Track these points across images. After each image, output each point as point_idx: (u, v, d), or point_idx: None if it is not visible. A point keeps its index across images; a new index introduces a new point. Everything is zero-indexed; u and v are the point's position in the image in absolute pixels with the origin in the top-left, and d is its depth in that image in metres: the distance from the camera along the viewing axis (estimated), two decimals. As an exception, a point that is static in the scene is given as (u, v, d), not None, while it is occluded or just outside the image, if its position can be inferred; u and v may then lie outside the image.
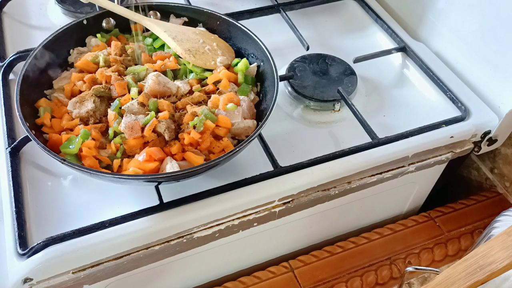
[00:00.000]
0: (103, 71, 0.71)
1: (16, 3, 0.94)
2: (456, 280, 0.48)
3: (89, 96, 0.69)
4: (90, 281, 0.65)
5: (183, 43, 0.76)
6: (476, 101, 0.83)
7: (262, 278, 0.79)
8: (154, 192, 0.66)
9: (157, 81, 0.69)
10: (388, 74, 0.89)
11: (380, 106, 0.83)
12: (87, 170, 0.60)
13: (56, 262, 0.60)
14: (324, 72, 0.84)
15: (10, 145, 0.70)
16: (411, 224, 0.89)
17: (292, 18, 0.93)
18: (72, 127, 0.68)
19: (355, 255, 0.84)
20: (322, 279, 0.80)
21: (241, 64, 0.75)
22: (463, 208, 0.92)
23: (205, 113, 0.66)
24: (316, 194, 0.73)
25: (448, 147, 0.80)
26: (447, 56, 0.90)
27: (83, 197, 0.67)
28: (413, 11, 0.96)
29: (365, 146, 0.74)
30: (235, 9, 0.94)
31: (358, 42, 0.94)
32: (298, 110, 0.81)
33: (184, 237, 0.67)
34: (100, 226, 0.62)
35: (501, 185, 0.94)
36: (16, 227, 0.62)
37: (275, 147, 0.72)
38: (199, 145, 0.66)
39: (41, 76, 0.72)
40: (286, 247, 0.87)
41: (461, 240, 0.87)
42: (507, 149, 0.90)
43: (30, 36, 0.89)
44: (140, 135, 0.65)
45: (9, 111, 0.75)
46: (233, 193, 0.68)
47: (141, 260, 0.67)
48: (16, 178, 0.67)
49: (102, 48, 0.76)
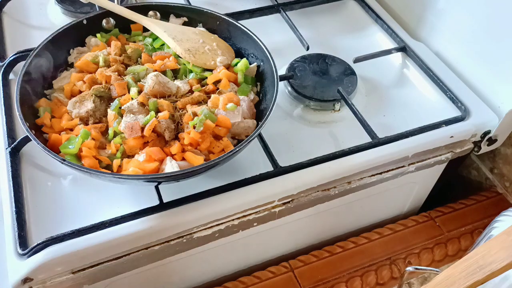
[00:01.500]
0: (103, 71, 0.71)
1: (16, 3, 0.94)
2: (456, 280, 0.48)
3: (89, 96, 0.69)
4: (90, 281, 0.65)
5: (183, 43, 0.76)
6: (476, 101, 0.83)
7: (262, 278, 0.79)
8: (154, 192, 0.66)
9: (157, 81, 0.69)
10: (388, 74, 0.89)
11: (380, 106, 0.83)
12: (87, 170, 0.60)
13: (56, 262, 0.60)
14: (324, 72, 0.84)
15: (10, 145, 0.70)
16: (411, 224, 0.89)
17: (292, 18, 0.93)
18: (72, 127, 0.68)
19: (355, 255, 0.84)
20: (322, 279, 0.80)
21: (241, 64, 0.75)
22: (463, 208, 0.92)
23: (205, 113, 0.66)
24: (316, 194, 0.73)
25: (448, 147, 0.80)
26: (447, 56, 0.90)
27: (83, 197, 0.67)
28: (413, 11, 0.96)
29: (365, 146, 0.74)
30: (235, 9, 0.94)
31: (358, 42, 0.94)
32: (298, 110, 0.81)
33: (184, 237, 0.67)
34: (100, 226, 0.62)
35: (501, 185, 0.94)
36: (16, 227, 0.62)
37: (275, 147, 0.72)
38: (199, 145, 0.66)
39: (41, 76, 0.72)
40: (286, 247, 0.87)
41: (461, 240, 0.87)
42: (507, 149, 0.90)
43: (30, 36, 0.89)
44: (140, 135, 0.65)
45: (9, 111, 0.75)
46: (233, 193, 0.68)
47: (141, 260, 0.67)
48: (16, 178, 0.67)
49: (102, 48, 0.76)
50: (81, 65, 0.73)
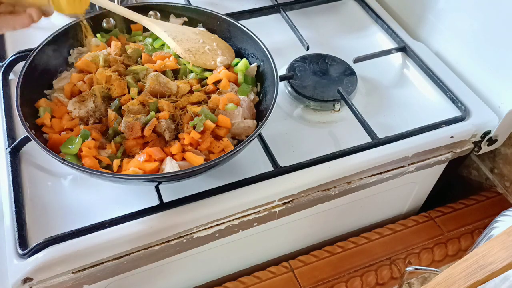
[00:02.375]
0: (103, 71, 0.71)
1: (16, 3, 0.94)
2: (456, 280, 0.48)
3: (89, 96, 0.69)
4: (90, 281, 0.65)
5: (183, 43, 0.76)
6: (476, 101, 0.83)
7: (262, 278, 0.79)
8: (154, 192, 0.66)
9: (157, 81, 0.69)
10: (388, 74, 0.89)
11: (380, 106, 0.83)
12: (87, 170, 0.60)
13: (56, 262, 0.60)
14: (324, 72, 0.84)
15: (10, 145, 0.70)
16: (411, 224, 0.89)
17: (292, 18, 0.93)
18: (72, 127, 0.68)
19: (355, 255, 0.84)
20: (322, 279, 0.80)
21: (241, 64, 0.75)
22: (463, 208, 0.92)
23: (205, 113, 0.66)
24: (316, 194, 0.73)
25: (448, 147, 0.80)
26: (447, 56, 0.90)
27: (83, 197, 0.67)
28: (413, 11, 0.96)
29: (365, 146, 0.74)
30: (235, 9, 0.94)
31: (358, 42, 0.94)
32: (298, 110, 0.81)
33: (184, 237, 0.67)
34: (100, 226, 0.62)
35: (501, 185, 0.94)
36: (16, 227, 0.62)
37: (275, 147, 0.72)
38: (199, 145, 0.66)
39: (41, 76, 0.72)
40: (286, 247, 0.87)
41: (461, 240, 0.87)
42: (507, 149, 0.90)
43: (30, 36, 0.89)
44: (140, 135, 0.65)
45: (9, 111, 0.75)
46: (233, 193, 0.68)
47: (141, 260, 0.67)
48: (16, 178, 0.67)
49: (102, 48, 0.76)
50: (81, 65, 0.73)
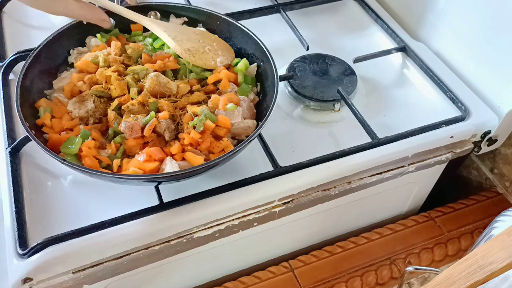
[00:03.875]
0: (103, 71, 0.71)
1: (16, 3, 0.94)
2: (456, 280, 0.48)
3: (89, 96, 0.69)
4: (90, 281, 0.65)
5: (183, 43, 0.76)
6: (476, 101, 0.83)
7: (262, 278, 0.80)
8: (154, 192, 0.66)
9: (157, 81, 0.69)
10: (388, 74, 0.89)
11: (380, 106, 0.83)
12: (87, 170, 0.60)
13: (56, 262, 0.60)
14: (324, 72, 0.84)
15: (10, 145, 0.70)
16: (411, 224, 0.89)
17: (292, 18, 0.93)
18: (72, 127, 0.68)
19: (355, 255, 0.84)
20: (322, 279, 0.80)
21: (241, 64, 0.75)
22: (463, 208, 0.92)
23: (205, 113, 0.66)
24: (316, 194, 0.73)
25: (448, 147, 0.80)
26: (447, 56, 0.90)
27: (83, 197, 0.67)
28: (413, 11, 0.96)
29: (365, 146, 0.74)
30: (235, 9, 0.94)
31: (358, 42, 0.94)
32: (298, 110, 0.81)
33: (184, 237, 0.67)
34: (100, 226, 0.62)
35: (501, 185, 0.94)
36: (16, 227, 0.62)
37: (275, 147, 0.72)
38: (199, 145, 0.66)
39: (41, 76, 0.72)
40: (286, 247, 0.87)
41: (461, 240, 0.87)
42: (507, 149, 0.90)
43: (30, 36, 0.89)
44: (140, 135, 0.65)
45: (9, 111, 0.75)
46: (233, 193, 0.68)
47: (141, 260, 0.67)
48: (16, 178, 0.67)
49: (102, 48, 0.76)
50: (81, 65, 0.73)
